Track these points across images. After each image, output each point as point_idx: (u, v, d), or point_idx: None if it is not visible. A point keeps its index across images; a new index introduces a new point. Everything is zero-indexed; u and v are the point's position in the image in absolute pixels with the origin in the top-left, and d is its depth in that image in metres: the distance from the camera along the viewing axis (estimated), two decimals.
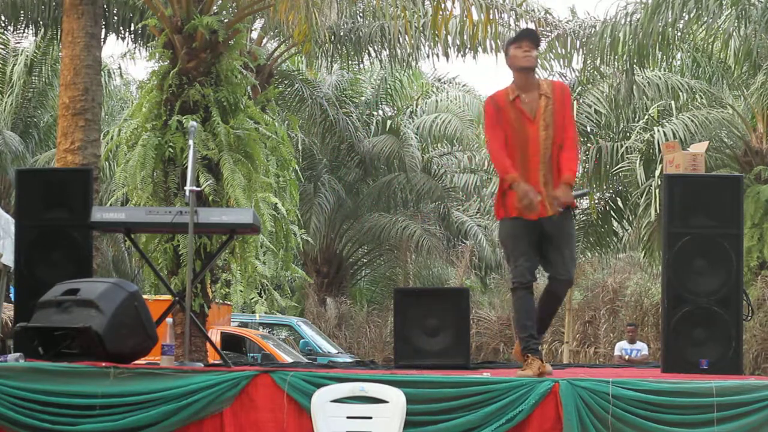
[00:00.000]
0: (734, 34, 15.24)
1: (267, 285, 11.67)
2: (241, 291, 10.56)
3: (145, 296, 6.61)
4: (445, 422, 5.50)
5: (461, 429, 5.49)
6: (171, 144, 9.74)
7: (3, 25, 16.90)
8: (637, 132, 16.55)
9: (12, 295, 9.34)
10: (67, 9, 10.61)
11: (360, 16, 17.28)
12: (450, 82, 25.69)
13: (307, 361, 14.96)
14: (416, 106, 25.52)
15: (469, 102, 24.95)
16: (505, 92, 6.12)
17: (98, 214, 6.71)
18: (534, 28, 15.02)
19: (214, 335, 15.06)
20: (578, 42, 15.52)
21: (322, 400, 5.53)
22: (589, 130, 17.44)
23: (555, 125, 5.97)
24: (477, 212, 25.93)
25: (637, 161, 15.96)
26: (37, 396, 5.66)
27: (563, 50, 15.59)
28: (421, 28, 15.04)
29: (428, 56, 17.16)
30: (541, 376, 5.83)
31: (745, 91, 16.71)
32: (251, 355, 16.14)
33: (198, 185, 8.11)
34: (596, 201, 18.30)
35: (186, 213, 6.51)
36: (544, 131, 5.98)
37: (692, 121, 15.79)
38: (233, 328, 17.29)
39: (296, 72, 21.07)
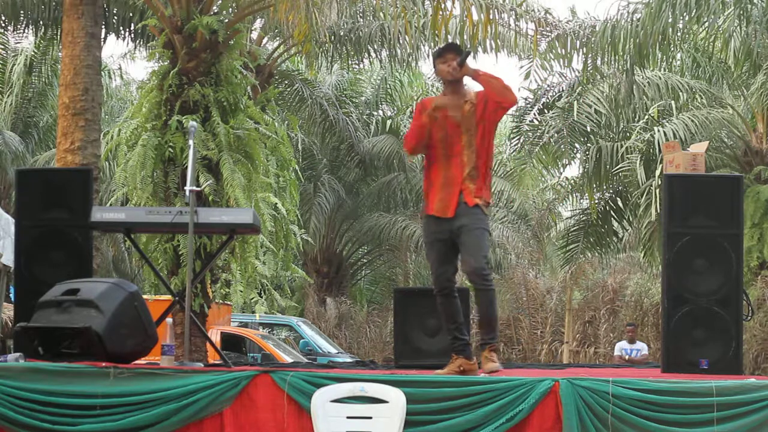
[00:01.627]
0: (734, 34, 15.23)
1: (267, 285, 11.67)
2: (241, 291, 10.57)
3: (145, 296, 6.61)
4: (445, 422, 5.50)
5: (461, 429, 5.49)
6: (171, 144, 9.75)
7: (3, 25, 16.90)
8: (637, 132, 16.54)
9: (12, 295, 9.34)
10: (67, 9, 10.61)
11: (360, 16, 17.27)
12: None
13: (307, 361, 14.96)
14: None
15: None
16: (435, 98, 6.38)
17: (98, 214, 6.72)
18: (535, 28, 15.02)
19: (214, 335, 15.06)
20: (578, 42, 15.50)
21: (322, 400, 5.53)
22: (589, 130, 17.44)
23: (478, 127, 6.16)
24: None
25: (637, 161, 15.95)
26: (37, 396, 5.66)
27: (563, 50, 15.56)
28: (421, 28, 15.03)
29: (428, 56, 17.16)
30: (465, 374, 5.93)
31: (745, 91, 16.71)
32: (251, 355, 16.14)
33: (198, 185, 8.11)
34: (596, 201, 18.30)
35: (186, 213, 6.51)
36: (466, 133, 6.15)
37: (692, 121, 15.79)
38: (233, 328, 17.30)
39: (296, 72, 21.07)
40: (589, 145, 17.63)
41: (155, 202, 9.80)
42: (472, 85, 6.26)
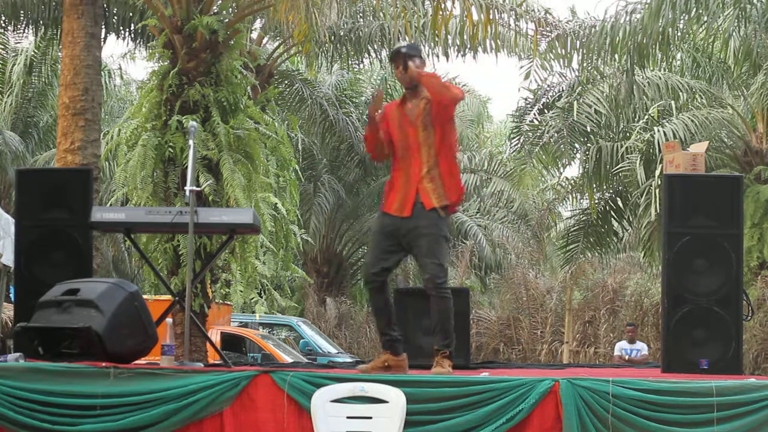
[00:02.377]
0: (734, 34, 15.24)
1: (267, 285, 11.68)
2: (241, 291, 10.57)
3: (145, 296, 6.61)
4: (445, 422, 5.50)
5: (461, 429, 5.49)
6: (171, 144, 9.75)
7: (3, 25, 16.90)
8: (637, 132, 16.55)
9: (12, 295, 9.35)
10: (67, 9, 10.61)
11: (360, 16, 17.26)
12: (450, 82, 25.64)
13: (307, 361, 14.96)
14: None
15: (469, 102, 24.98)
16: (396, 102, 6.37)
17: (98, 214, 6.72)
18: (535, 28, 15.01)
19: (214, 335, 15.06)
20: (578, 42, 15.50)
21: (322, 400, 5.53)
22: (589, 130, 17.44)
23: (434, 126, 6.14)
24: (477, 212, 25.93)
25: (637, 161, 15.96)
26: (37, 396, 5.66)
27: (563, 50, 15.56)
28: (421, 28, 15.03)
29: (428, 56, 17.15)
30: (390, 370, 5.94)
31: (745, 91, 16.71)
32: (251, 355, 16.15)
33: (198, 185, 8.12)
34: (596, 201, 18.30)
35: (186, 213, 6.51)
36: (423, 131, 6.15)
37: (692, 121, 15.79)
38: (233, 328, 17.30)
39: (296, 72, 21.07)
40: (589, 145, 17.63)
41: (155, 202, 9.80)
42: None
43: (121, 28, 15.18)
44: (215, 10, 10.57)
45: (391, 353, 6.14)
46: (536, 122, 17.97)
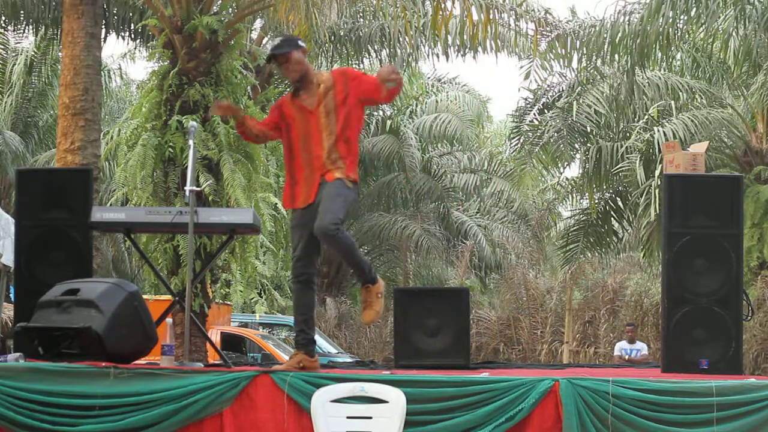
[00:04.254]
0: (734, 34, 15.23)
1: (267, 285, 11.69)
2: (241, 291, 10.58)
3: (145, 296, 6.61)
4: (445, 422, 5.50)
5: (461, 428, 5.49)
6: (171, 144, 9.75)
7: (3, 25, 16.91)
8: (637, 132, 16.55)
9: (12, 295, 9.35)
10: (67, 9, 10.61)
11: (360, 16, 17.27)
12: (450, 82, 25.67)
13: None
14: (416, 106, 25.51)
15: (469, 102, 24.93)
16: (289, 95, 6.30)
17: (98, 214, 6.72)
18: (535, 28, 15.01)
19: (214, 335, 15.07)
20: (578, 42, 15.50)
21: (322, 400, 5.53)
22: (588, 130, 17.44)
23: (337, 109, 6.06)
24: (477, 212, 25.93)
25: (637, 161, 15.95)
26: (37, 396, 5.66)
27: (563, 50, 15.57)
28: (421, 28, 15.04)
29: (428, 56, 17.18)
30: (304, 370, 5.88)
31: (745, 91, 16.71)
32: (251, 355, 16.15)
33: (198, 185, 8.11)
34: (596, 201, 18.30)
35: (186, 213, 6.51)
36: (326, 118, 6.07)
37: (692, 121, 15.79)
38: (233, 328, 17.30)
39: None
40: (589, 145, 17.62)
41: (155, 202, 9.81)
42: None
43: (121, 28, 15.18)
44: (215, 10, 10.57)
45: (306, 354, 6.07)
46: (536, 122, 17.97)
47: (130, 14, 14.86)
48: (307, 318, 6.14)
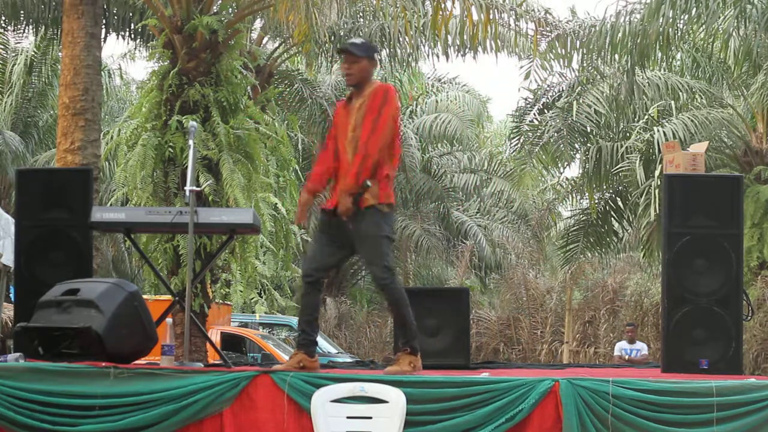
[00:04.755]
0: (734, 34, 15.23)
1: (267, 285, 11.68)
2: (241, 291, 10.57)
3: (145, 296, 6.61)
4: (445, 422, 5.49)
5: (461, 429, 5.48)
6: (171, 144, 9.75)
7: (3, 25, 16.90)
8: (637, 132, 16.55)
9: (12, 295, 9.35)
10: (67, 9, 10.61)
11: (360, 16, 17.26)
12: (450, 82, 25.67)
13: None
14: (416, 106, 25.52)
15: (469, 102, 24.95)
16: (344, 99, 6.36)
17: (98, 214, 6.72)
18: (535, 28, 15.01)
19: (214, 335, 15.06)
20: (578, 42, 15.50)
21: (322, 400, 5.53)
22: (588, 130, 17.44)
23: (363, 127, 6.05)
24: (477, 212, 25.93)
25: (637, 161, 15.95)
26: (37, 396, 5.66)
27: (563, 50, 15.56)
28: (421, 28, 15.03)
29: (428, 56, 17.16)
30: (304, 370, 5.90)
31: (745, 91, 16.71)
32: (251, 355, 16.15)
33: (198, 185, 8.11)
34: (596, 201, 18.30)
35: (186, 213, 6.51)
36: (352, 132, 6.08)
37: (692, 121, 15.78)
38: (233, 328, 17.30)
39: (296, 72, 21.06)
40: (589, 145, 17.62)
41: (155, 202, 9.80)
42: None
43: (121, 28, 15.17)
44: (215, 10, 10.57)
45: (306, 354, 6.07)
46: (536, 122, 17.96)
47: (130, 14, 14.86)
48: (311, 319, 6.14)
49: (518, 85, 37.11)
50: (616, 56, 15.27)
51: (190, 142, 6.67)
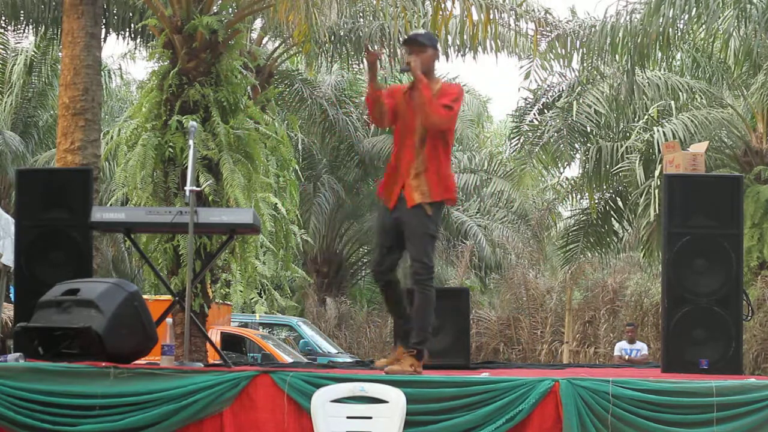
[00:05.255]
0: (734, 34, 15.23)
1: (267, 285, 11.67)
2: (241, 291, 10.56)
3: (145, 296, 6.61)
4: (445, 422, 5.49)
5: (461, 429, 5.49)
6: (171, 144, 9.74)
7: (3, 25, 16.90)
8: (637, 132, 16.55)
9: (12, 295, 9.35)
10: (67, 9, 10.60)
11: (360, 16, 17.26)
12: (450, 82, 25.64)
13: (307, 361, 14.96)
14: None
15: (469, 102, 24.96)
16: (404, 86, 6.32)
17: (98, 214, 6.71)
18: (535, 28, 15.01)
19: (214, 335, 15.06)
20: (578, 42, 15.50)
21: (322, 400, 5.53)
22: (588, 130, 17.44)
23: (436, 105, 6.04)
24: (477, 212, 25.93)
25: (637, 161, 15.96)
26: (37, 396, 5.66)
27: (563, 50, 15.57)
28: (421, 28, 15.03)
29: None
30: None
31: (745, 91, 16.71)
32: (251, 355, 16.14)
33: (198, 185, 8.11)
34: (596, 201, 18.30)
35: (186, 213, 6.51)
36: (421, 128, 6.09)
37: (692, 121, 15.79)
38: (233, 328, 17.29)
39: (296, 72, 21.07)
40: (588, 145, 17.62)
41: (155, 202, 9.80)
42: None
43: (121, 28, 15.17)
44: (215, 10, 10.56)
45: (403, 345, 6.16)
46: (536, 122, 17.97)
47: (130, 14, 14.85)
48: (399, 316, 6.31)
49: (518, 85, 37.08)
50: (616, 56, 15.27)
51: (190, 142, 6.66)
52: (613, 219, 18.78)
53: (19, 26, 16.09)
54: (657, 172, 14.47)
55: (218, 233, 8.73)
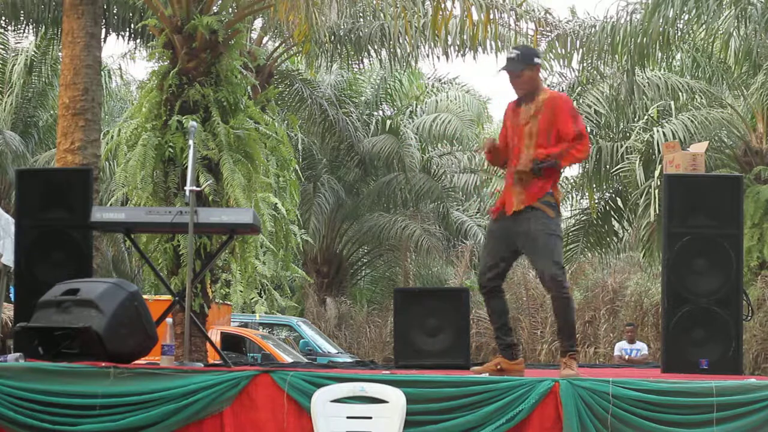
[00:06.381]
0: (734, 34, 15.23)
1: (267, 285, 11.68)
2: (241, 291, 10.57)
3: (145, 296, 6.61)
4: (445, 422, 5.50)
5: (461, 429, 5.49)
6: (171, 144, 9.75)
7: (3, 25, 16.91)
8: (637, 132, 16.55)
9: (12, 295, 9.34)
10: (67, 9, 10.61)
11: (360, 16, 17.27)
12: (450, 82, 25.67)
13: (307, 361, 14.96)
14: (416, 106, 25.52)
15: (469, 102, 24.95)
16: (515, 101, 6.37)
17: (98, 214, 6.72)
18: (535, 28, 15.01)
19: (214, 335, 15.05)
20: (578, 42, 15.51)
21: (322, 400, 5.53)
22: (589, 130, 17.42)
23: (539, 135, 6.12)
24: (477, 212, 25.93)
25: (637, 161, 15.95)
26: (37, 396, 5.66)
27: (563, 50, 15.57)
28: (421, 28, 15.03)
29: (428, 56, 17.16)
30: (502, 373, 6.05)
31: (745, 91, 16.70)
32: (251, 355, 16.14)
33: (198, 185, 8.11)
34: (596, 201, 18.30)
35: (186, 213, 6.51)
36: (528, 139, 6.15)
37: (692, 121, 15.79)
38: (233, 328, 17.28)
39: (296, 72, 21.07)
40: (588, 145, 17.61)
41: (155, 202, 9.80)
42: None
43: (121, 28, 15.18)
44: (215, 10, 10.57)
45: (505, 357, 6.28)
46: None
47: (130, 14, 14.86)
48: (501, 325, 6.37)
49: None
50: (616, 56, 15.27)
51: (190, 142, 6.66)
52: (613, 219, 18.78)
53: (19, 26, 16.11)
54: (657, 172, 14.47)
55: (218, 233, 8.74)
